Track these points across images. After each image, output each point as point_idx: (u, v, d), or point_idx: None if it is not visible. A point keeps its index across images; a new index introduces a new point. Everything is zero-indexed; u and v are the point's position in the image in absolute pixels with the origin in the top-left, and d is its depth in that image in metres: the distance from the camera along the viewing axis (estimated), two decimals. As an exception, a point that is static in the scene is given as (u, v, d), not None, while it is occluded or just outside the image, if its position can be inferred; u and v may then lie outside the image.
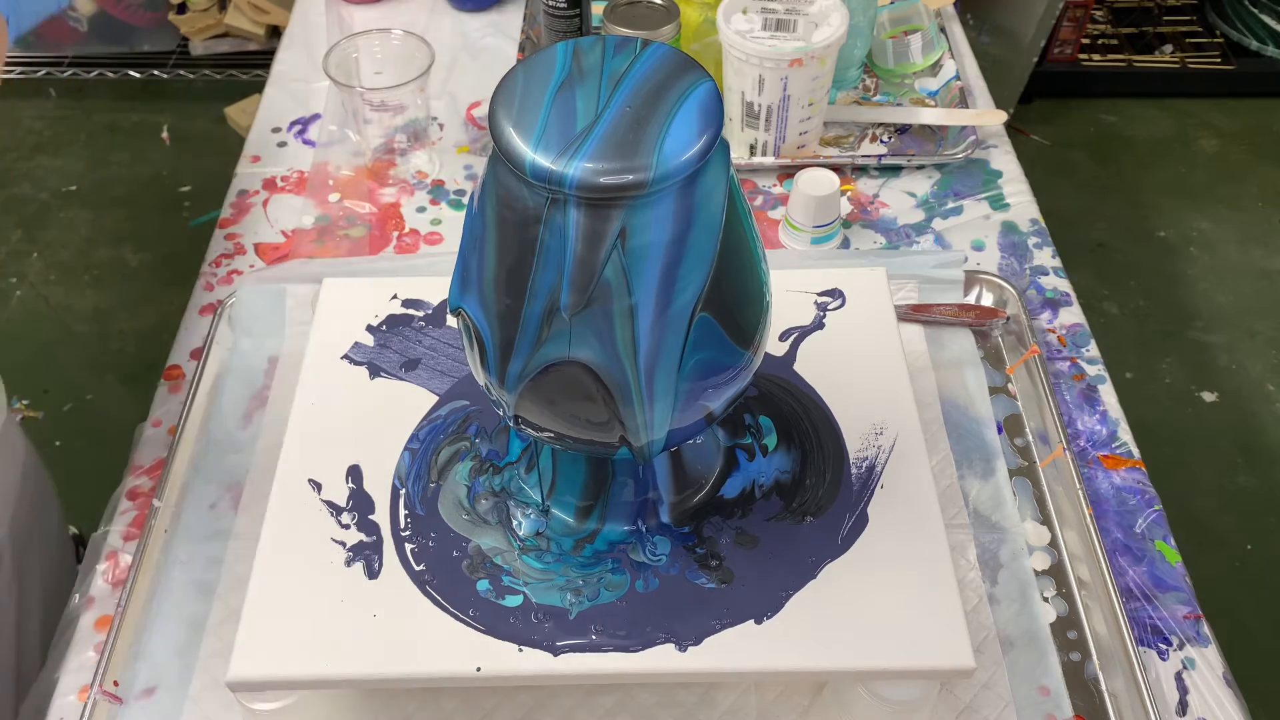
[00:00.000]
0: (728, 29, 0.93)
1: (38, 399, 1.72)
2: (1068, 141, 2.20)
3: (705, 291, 0.50)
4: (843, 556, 0.62)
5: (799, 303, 0.75)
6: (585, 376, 0.51)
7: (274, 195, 1.01)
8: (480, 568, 0.62)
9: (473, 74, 1.14)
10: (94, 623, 0.70)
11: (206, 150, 2.15)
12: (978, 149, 1.01)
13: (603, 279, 0.48)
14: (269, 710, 0.62)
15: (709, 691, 0.66)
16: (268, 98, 1.13)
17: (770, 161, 0.99)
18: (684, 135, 0.46)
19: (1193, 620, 0.70)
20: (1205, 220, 2.01)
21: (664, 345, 0.50)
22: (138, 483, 0.78)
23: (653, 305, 0.49)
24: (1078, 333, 0.87)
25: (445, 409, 0.69)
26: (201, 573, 0.72)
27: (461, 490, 0.65)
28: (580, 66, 0.49)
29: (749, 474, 0.65)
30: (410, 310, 0.76)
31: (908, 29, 1.09)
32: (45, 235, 2.00)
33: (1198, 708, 0.67)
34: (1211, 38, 2.33)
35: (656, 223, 0.47)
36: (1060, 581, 0.72)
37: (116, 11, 2.22)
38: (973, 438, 0.79)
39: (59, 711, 0.66)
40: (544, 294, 0.49)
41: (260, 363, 0.84)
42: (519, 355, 0.51)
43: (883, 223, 0.96)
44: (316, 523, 0.64)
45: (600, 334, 0.50)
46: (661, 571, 0.61)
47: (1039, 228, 0.96)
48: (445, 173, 1.02)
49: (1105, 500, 0.76)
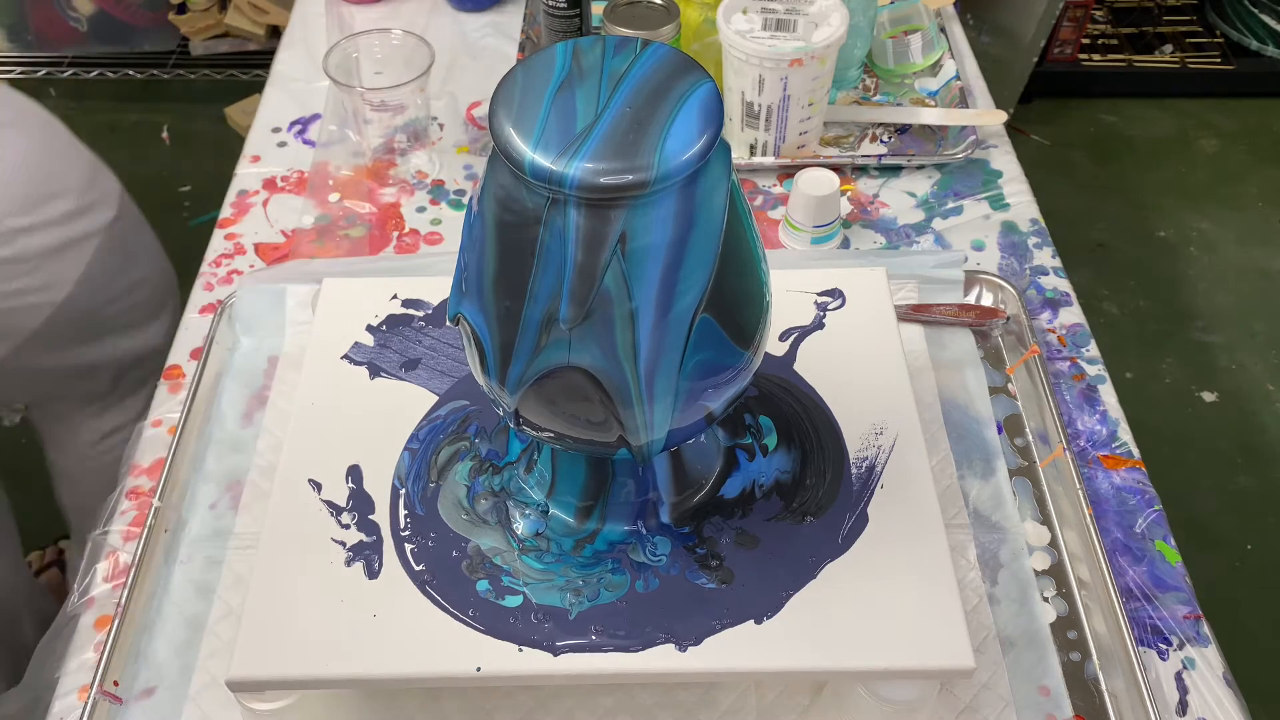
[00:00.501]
0: (728, 29, 0.93)
1: (38, 399, 1.72)
2: (1068, 141, 2.20)
3: (706, 294, 0.50)
4: (842, 556, 0.62)
5: (799, 303, 0.75)
6: (585, 381, 0.51)
7: (274, 195, 1.01)
8: (480, 568, 0.62)
9: (473, 74, 1.14)
10: (94, 623, 0.70)
11: (206, 150, 2.15)
12: (978, 149, 1.01)
13: (603, 287, 0.48)
14: (269, 710, 0.62)
15: (709, 691, 0.66)
16: (268, 98, 1.13)
17: (770, 161, 0.99)
18: (685, 135, 0.46)
19: (1193, 620, 0.70)
20: (1205, 220, 2.01)
21: (664, 348, 0.50)
22: (138, 483, 0.78)
23: (653, 309, 0.49)
24: (1078, 333, 0.87)
25: (445, 409, 0.70)
26: (201, 573, 0.72)
27: (461, 490, 0.65)
28: (580, 66, 0.49)
29: (749, 474, 0.65)
30: (410, 310, 0.76)
31: (908, 29, 1.09)
32: (45, 235, 2.00)
33: (1198, 708, 0.67)
34: (1211, 38, 2.33)
35: (657, 225, 0.47)
36: (1060, 581, 0.72)
37: (116, 11, 2.22)
38: (973, 438, 0.79)
39: (59, 711, 0.66)
40: (544, 299, 0.49)
41: (260, 363, 0.84)
42: (519, 360, 0.51)
43: (883, 223, 0.96)
44: (316, 523, 0.64)
45: (600, 340, 0.50)
46: (662, 572, 0.61)
47: (1039, 228, 0.96)
48: (445, 173, 1.02)
49: (1105, 500, 0.76)
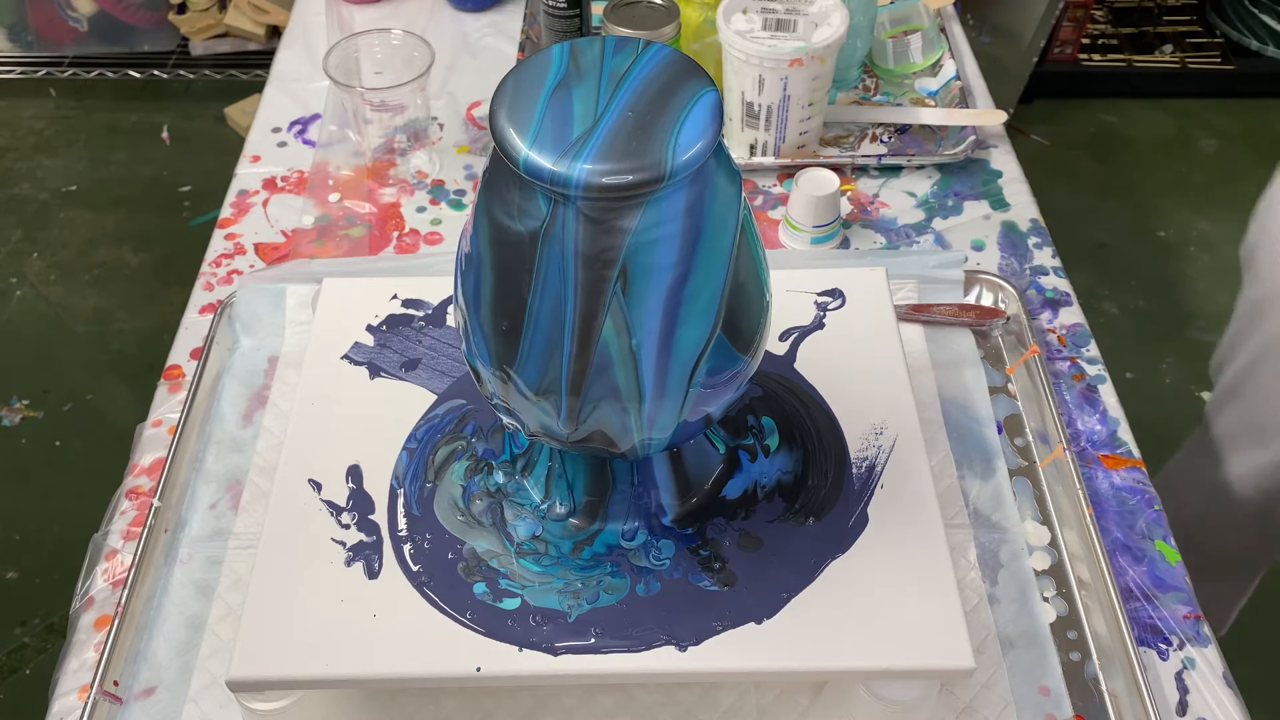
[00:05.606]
0: (728, 29, 0.93)
1: (38, 399, 1.72)
2: (1068, 141, 2.20)
3: (716, 329, 0.51)
4: (843, 557, 0.62)
5: (799, 303, 0.75)
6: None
7: (274, 195, 1.01)
8: (476, 570, 0.61)
9: (473, 74, 1.14)
10: (94, 623, 0.70)
11: (206, 150, 2.16)
12: (978, 149, 1.01)
13: (603, 344, 0.49)
14: (269, 710, 0.62)
15: (709, 691, 0.66)
16: (268, 98, 1.13)
17: (770, 161, 0.99)
18: (689, 144, 0.46)
19: (1193, 620, 0.70)
20: (1205, 220, 2.01)
21: (670, 377, 0.51)
22: (138, 483, 0.78)
23: (656, 341, 0.50)
24: (1078, 333, 0.87)
25: (443, 408, 0.69)
26: (201, 573, 0.72)
27: (457, 490, 0.65)
28: (578, 66, 0.49)
29: (751, 475, 0.65)
30: (410, 310, 0.76)
31: (908, 29, 1.09)
32: (45, 235, 2.00)
33: (1198, 708, 0.67)
34: (1211, 38, 2.33)
35: (662, 246, 0.48)
36: (1060, 581, 0.72)
37: (116, 11, 2.22)
38: (973, 438, 0.79)
39: (59, 711, 0.66)
40: (544, 328, 0.50)
41: (260, 363, 0.84)
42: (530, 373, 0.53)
43: (883, 223, 0.96)
44: (316, 523, 0.64)
45: (609, 387, 0.51)
46: (664, 575, 0.61)
47: (1039, 228, 0.96)
48: (445, 173, 1.02)
49: (1105, 500, 0.76)
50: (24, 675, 1.42)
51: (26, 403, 1.72)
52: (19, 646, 1.45)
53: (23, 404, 1.72)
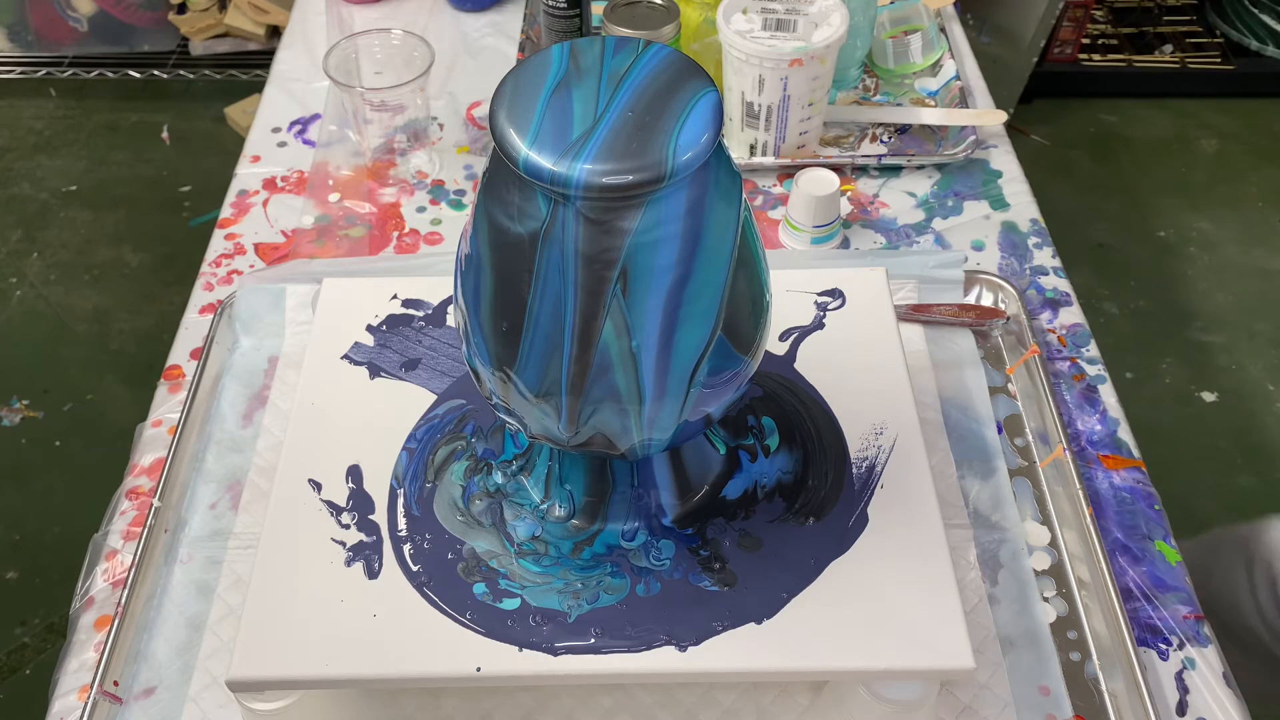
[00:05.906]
0: (728, 29, 0.93)
1: (38, 399, 1.72)
2: (1068, 141, 2.20)
3: (712, 334, 0.51)
4: (843, 557, 0.62)
5: (799, 303, 0.75)
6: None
7: (274, 195, 1.01)
8: (475, 571, 0.61)
9: (473, 74, 1.14)
10: (94, 623, 0.70)
11: (206, 150, 2.16)
12: (978, 149, 1.01)
13: (603, 347, 0.49)
14: (269, 710, 0.62)
15: (709, 691, 0.66)
16: (268, 98, 1.13)
17: (770, 161, 0.99)
18: (689, 145, 0.46)
19: (1193, 620, 0.70)
20: (1205, 220, 2.01)
21: (670, 378, 0.51)
22: (138, 483, 0.78)
23: (657, 342, 0.50)
24: (1078, 333, 0.87)
25: (443, 408, 0.69)
26: (201, 573, 0.72)
27: (457, 490, 0.65)
28: (578, 66, 0.49)
29: (751, 475, 0.65)
30: (410, 310, 0.76)
31: (908, 29, 1.09)
32: (45, 235, 2.00)
33: (1198, 708, 0.67)
34: (1211, 38, 2.33)
35: (663, 247, 0.47)
36: (1060, 581, 0.72)
37: (116, 11, 2.22)
38: (973, 438, 0.79)
39: (59, 711, 0.66)
40: (544, 330, 0.50)
41: (260, 363, 0.84)
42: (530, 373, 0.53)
43: (883, 223, 0.96)
44: (316, 523, 0.64)
45: (610, 392, 0.51)
46: (664, 576, 0.61)
47: (1039, 228, 0.96)
48: (445, 173, 1.02)
49: (1105, 500, 0.76)
50: (24, 675, 1.42)
51: (26, 403, 1.72)
52: (19, 646, 1.44)
53: (23, 404, 1.72)
